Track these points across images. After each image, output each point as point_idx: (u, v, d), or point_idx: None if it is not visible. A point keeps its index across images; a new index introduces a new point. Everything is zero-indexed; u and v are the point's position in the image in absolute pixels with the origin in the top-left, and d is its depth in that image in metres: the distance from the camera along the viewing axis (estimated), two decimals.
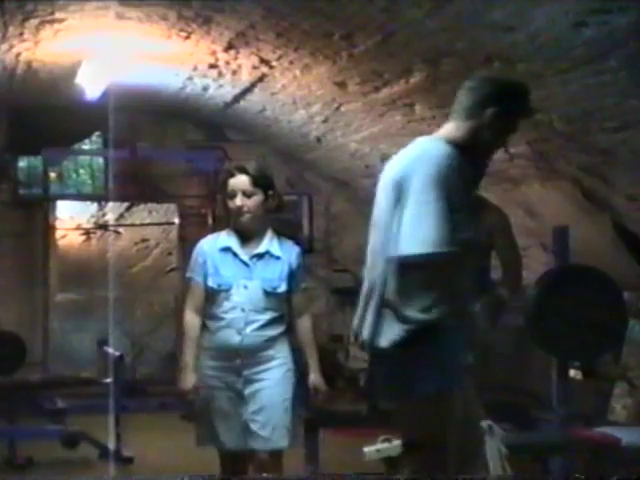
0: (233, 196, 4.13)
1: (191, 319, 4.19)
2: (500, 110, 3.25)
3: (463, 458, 3.15)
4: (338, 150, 8.31)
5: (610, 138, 5.20)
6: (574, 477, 3.94)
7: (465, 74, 5.32)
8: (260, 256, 4.16)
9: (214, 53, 6.37)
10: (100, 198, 9.59)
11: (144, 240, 10.04)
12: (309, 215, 9.53)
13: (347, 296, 9.47)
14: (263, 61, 6.30)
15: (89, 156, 9.74)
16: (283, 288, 4.16)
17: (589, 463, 4.04)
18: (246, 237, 4.17)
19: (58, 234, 9.24)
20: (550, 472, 4.61)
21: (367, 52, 5.47)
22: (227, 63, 6.60)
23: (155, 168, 9.23)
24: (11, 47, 6.21)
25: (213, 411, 4.16)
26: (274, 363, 4.15)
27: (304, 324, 4.29)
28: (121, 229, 9.81)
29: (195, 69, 7.04)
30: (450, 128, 3.37)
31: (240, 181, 4.12)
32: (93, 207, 9.94)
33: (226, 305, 4.13)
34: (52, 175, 9.03)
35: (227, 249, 4.21)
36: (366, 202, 10.23)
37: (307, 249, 9.48)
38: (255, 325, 4.08)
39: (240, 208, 4.12)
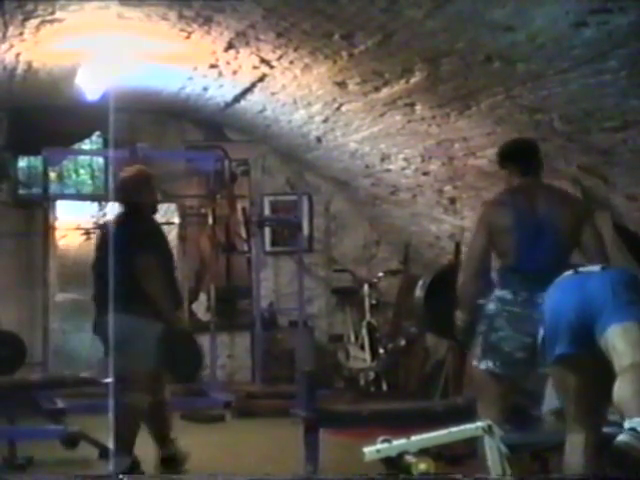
0: None
1: None
2: None
3: None
4: (338, 150, 8.32)
5: (610, 138, 5.21)
6: (574, 477, 3.94)
7: (465, 74, 5.36)
8: None
9: (214, 53, 6.38)
10: (100, 198, 9.59)
11: None
12: (309, 215, 9.54)
13: (347, 296, 9.50)
14: (263, 61, 6.31)
15: (89, 156, 9.74)
16: None
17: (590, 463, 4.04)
18: None
19: (58, 234, 9.23)
20: (550, 472, 4.62)
21: (367, 52, 5.48)
22: (227, 63, 6.61)
23: (155, 168, 9.22)
24: (11, 47, 6.21)
25: None
26: None
27: None
28: None
29: (195, 69, 7.06)
30: None
31: None
32: (93, 207, 9.94)
33: None
34: (52, 175, 9.03)
35: None
36: (366, 202, 10.29)
37: (307, 249, 9.51)
38: None
39: None
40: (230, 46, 6.10)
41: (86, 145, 9.47)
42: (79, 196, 9.90)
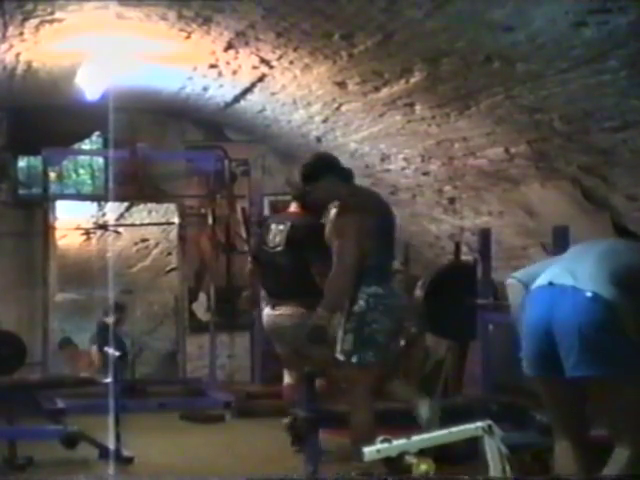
0: None
1: None
2: None
3: None
4: (338, 150, 8.30)
5: (610, 138, 5.21)
6: (573, 477, 3.94)
7: (465, 74, 5.37)
8: None
9: (214, 53, 6.38)
10: (100, 198, 9.60)
11: (144, 240, 10.05)
12: None
13: None
14: (263, 61, 6.32)
15: (89, 156, 9.74)
16: None
17: (590, 464, 4.05)
18: None
19: (58, 234, 9.23)
20: (550, 472, 4.62)
21: (367, 52, 5.48)
22: (227, 63, 6.61)
23: (155, 168, 9.24)
24: (11, 47, 6.22)
25: None
26: None
27: None
28: (121, 229, 9.82)
29: (195, 69, 7.06)
30: None
31: None
32: (93, 207, 9.94)
33: None
34: (52, 175, 9.03)
35: None
36: None
37: None
38: None
39: None
40: (230, 46, 6.10)
41: (86, 145, 9.47)
42: (79, 196, 9.88)
